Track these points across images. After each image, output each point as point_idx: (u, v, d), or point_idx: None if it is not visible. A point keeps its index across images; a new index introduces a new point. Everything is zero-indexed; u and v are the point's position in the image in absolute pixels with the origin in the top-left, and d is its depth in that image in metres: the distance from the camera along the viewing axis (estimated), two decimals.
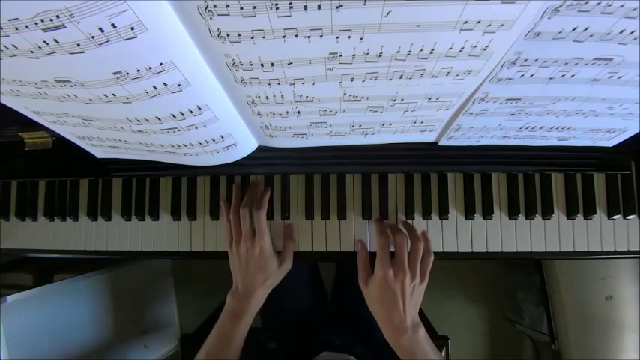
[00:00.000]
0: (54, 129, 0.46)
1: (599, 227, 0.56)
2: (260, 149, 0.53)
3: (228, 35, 0.30)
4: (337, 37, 0.31)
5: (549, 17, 0.29)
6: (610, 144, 0.50)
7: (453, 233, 0.57)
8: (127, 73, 0.33)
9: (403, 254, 0.51)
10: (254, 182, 0.59)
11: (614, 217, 0.55)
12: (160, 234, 0.61)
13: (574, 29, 0.31)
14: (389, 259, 0.51)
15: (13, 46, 0.29)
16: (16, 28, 0.27)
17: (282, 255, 0.57)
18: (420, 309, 1.00)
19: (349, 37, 0.31)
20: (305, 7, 0.27)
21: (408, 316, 0.50)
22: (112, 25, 0.27)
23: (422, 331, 0.50)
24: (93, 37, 0.28)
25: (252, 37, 0.30)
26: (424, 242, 0.53)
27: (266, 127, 0.46)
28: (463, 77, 0.37)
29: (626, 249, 0.55)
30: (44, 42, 0.29)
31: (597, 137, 0.48)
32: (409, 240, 0.53)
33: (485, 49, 0.33)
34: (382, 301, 0.51)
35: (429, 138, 0.51)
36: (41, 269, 0.86)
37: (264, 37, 0.30)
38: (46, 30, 0.27)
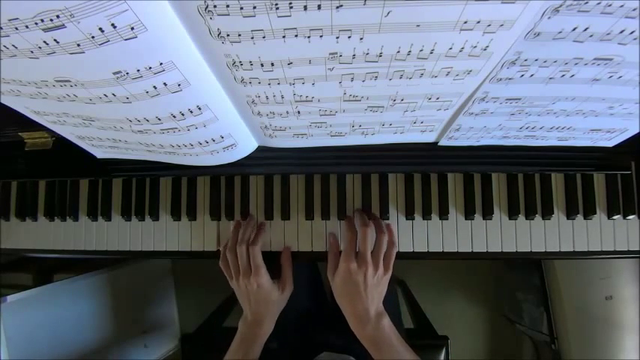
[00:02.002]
0: (54, 129, 0.46)
1: (599, 227, 0.56)
2: (260, 149, 0.53)
3: (228, 35, 0.30)
4: (337, 37, 0.31)
5: (549, 17, 0.29)
6: (610, 144, 0.50)
7: (453, 233, 0.57)
8: (127, 73, 0.33)
9: (365, 247, 0.52)
10: (250, 217, 0.60)
11: (614, 217, 0.55)
12: (159, 234, 0.61)
13: (574, 29, 0.31)
14: (353, 252, 0.53)
15: (13, 46, 0.29)
16: (16, 28, 0.27)
17: (282, 281, 0.58)
18: (420, 309, 1.00)
19: (349, 37, 0.31)
20: (305, 7, 0.27)
21: (371, 306, 0.51)
22: (112, 25, 0.27)
23: (385, 321, 0.52)
24: (93, 37, 0.28)
25: (252, 37, 0.30)
26: (388, 235, 0.54)
27: (266, 127, 0.46)
28: (463, 77, 0.37)
29: (626, 249, 0.55)
30: (44, 42, 0.29)
31: (597, 137, 0.48)
32: (375, 233, 0.54)
33: (485, 49, 0.33)
34: (346, 292, 0.53)
35: (429, 138, 0.51)
36: (41, 269, 0.86)
37: (264, 37, 0.30)
38: (46, 30, 0.27)
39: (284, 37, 0.30)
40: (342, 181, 0.58)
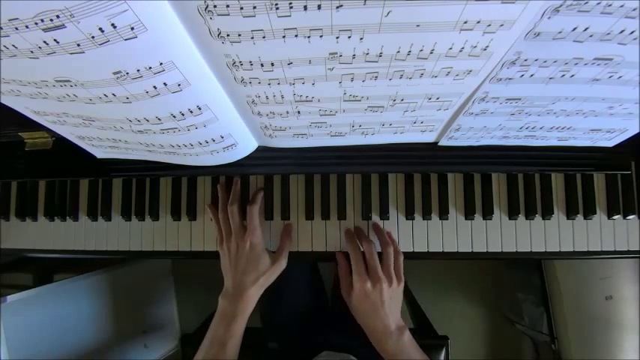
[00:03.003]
0: (54, 129, 0.46)
1: (599, 227, 0.56)
2: (260, 149, 0.53)
3: (228, 35, 0.30)
4: (337, 37, 0.31)
5: (549, 17, 0.29)
6: (610, 144, 0.50)
7: (453, 233, 0.57)
8: (127, 73, 0.33)
9: (375, 264, 0.52)
10: (236, 180, 0.58)
11: (614, 217, 0.55)
12: (159, 234, 0.61)
13: (574, 29, 0.31)
14: (364, 270, 0.52)
15: (13, 46, 0.29)
16: (16, 28, 0.27)
17: (277, 252, 0.56)
18: (420, 309, 1.00)
19: (349, 37, 0.31)
20: (305, 7, 0.27)
21: (391, 321, 0.51)
22: (112, 25, 0.27)
23: (406, 335, 0.51)
24: (93, 37, 0.28)
25: (252, 37, 0.30)
26: (392, 244, 0.54)
27: (266, 127, 0.46)
28: (463, 77, 0.37)
29: (626, 249, 0.55)
30: (44, 42, 0.29)
31: (597, 137, 0.48)
32: (379, 246, 0.55)
33: (485, 49, 0.33)
34: (364, 312, 0.53)
35: (429, 138, 0.51)
36: (41, 269, 0.86)
37: (264, 37, 0.30)
38: (46, 30, 0.27)
39: (284, 37, 0.30)
40: (342, 181, 0.58)
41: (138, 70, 0.32)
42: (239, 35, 0.30)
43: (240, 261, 0.53)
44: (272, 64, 0.34)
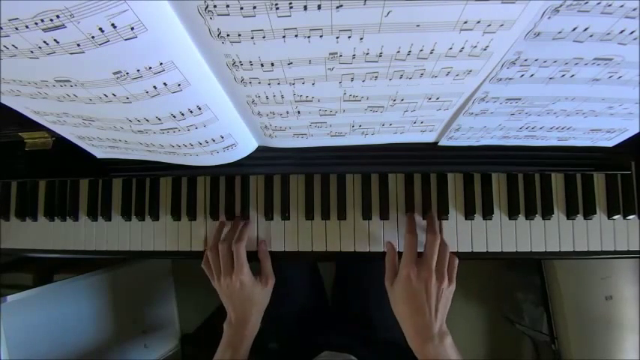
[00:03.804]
0: (54, 129, 0.46)
1: (599, 227, 0.56)
2: (260, 149, 0.53)
3: (228, 35, 0.30)
4: (337, 37, 0.31)
5: (549, 17, 0.29)
6: (610, 144, 0.50)
7: (453, 233, 0.57)
8: (127, 73, 0.33)
9: (432, 254, 0.49)
10: (237, 219, 0.59)
11: (614, 217, 0.55)
12: (159, 234, 0.61)
13: (574, 29, 0.31)
14: (415, 258, 0.50)
15: (13, 46, 0.29)
16: (16, 28, 0.27)
17: (262, 275, 0.58)
18: None
19: (349, 37, 0.31)
20: (305, 7, 0.27)
21: (435, 322, 0.47)
22: (112, 25, 0.27)
23: (448, 340, 0.47)
24: (93, 37, 0.28)
25: (252, 37, 0.30)
26: (448, 247, 0.52)
27: (266, 127, 0.46)
28: (463, 77, 0.37)
29: (626, 249, 0.55)
30: (44, 42, 0.29)
31: (597, 137, 0.48)
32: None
33: (485, 49, 0.33)
34: (406, 301, 0.49)
35: (429, 138, 0.51)
36: (41, 269, 0.86)
37: (264, 37, 0.30)
38: (46, 30, 0.27)
39: (284, 37, 0.30)
40: (342, 181, 0.58)
41: (138, 70, 0.32)
42: (239, 35, 0.30)
43: (235, 298, 0.55)
44: (272, 64, 0.34)
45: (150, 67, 0.32)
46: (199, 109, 0.39)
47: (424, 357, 0.47)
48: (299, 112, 0.42)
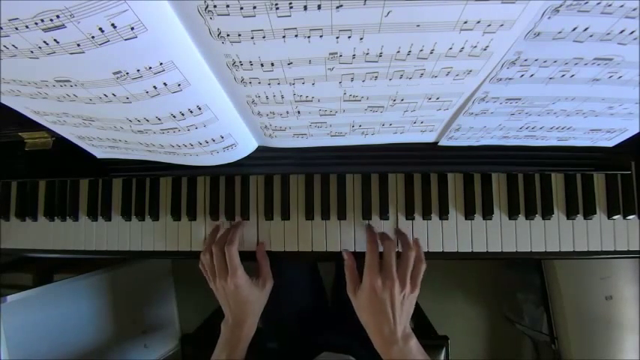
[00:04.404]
0: (54, 129, 0.46)
1: (599, 227, 0.56)
2: (260, 149, 0.53)
3: (228, 35, 0.30)
4: (337, 37, 0.31)
5: (549, 17, 0.29)
6: (610, 144, 0.50)
7: (453, 233, 0.57)
8: (127, 73, 0.33)
9: (391, 262, 0.50)
10: (235, 223, 0.59)
11: (614, 217, 0.55)
12: (160, 234, 0.61)
13: (574, 29, 0.31)
14: (377, 267, 0.50)
15: (13, 46, 0.29)
16: (16, 28, 0.27)
17: (261, 278, 0.58)
18: (420, 309, 1.00)
19: (349, 37, 0.31)
20: (305, 7, 0.27)
21: (399, 327, 0.49)
22: (112, 25, 0.27)
23: (413, 342, 0.49)
24: (93, 37, 0.28)
25: (252, 37, 0.30)
26: (416, 250, 0.52)
27: (266, 127, 0.46)
28: (463, 77, 0.37)
29: (626, 249, 0.55)
30: (44, 42, 0.29)
31: (597, 137, 0.48)
32: (401, 248, 0.53)
33: (485, 49, 0.33)
34: (371, 311, 0.50)
35: (429, 138, 0.51)
36: (41, 269, 0.86)
37: (264, 37, 0.30)
38: (46, 30, 0.27)
39: (284, 37, 0.30)
40: (342, 181, 0.58)
41: (138, 70, 0.32)
42: (239, 35, 0.30)
43: (230, 299, 0.55)
44: (272, 64, 0.34)
45: (150, 67, 0.32)
46: (199, 109, 0.39)
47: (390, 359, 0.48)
48: (299, 112, 0.42)
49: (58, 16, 0.26)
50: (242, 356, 0.56)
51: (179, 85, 0.35)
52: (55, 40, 0.28)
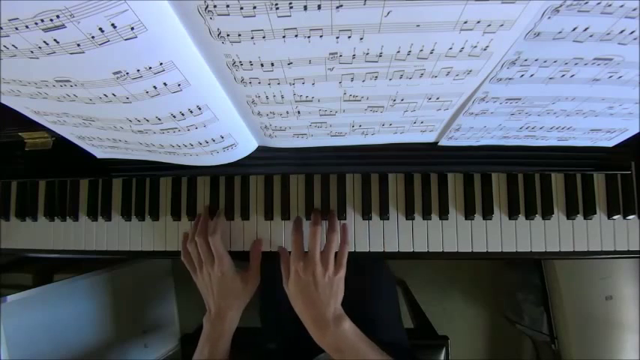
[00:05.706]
0: (54, 129, 0.46)
1: (599, 227, 0.56)
2: (260, 149, 0.53)
3: (228, 35, 0.30)
4: (337, 37, 0.31)
5: (549, 17, 0.29)
6: (610, 144, 0.50)
7: (453, 233, 0.57)
8: (127, 73, 0.33)
9: (313, 246, 0.51)
10: (206, 208, 0.59)
11: (614, 217, 0.55)
12: (159, 234, 0.61)
13: (574, 29, 0.31)
14: (301, 254, 0.51)
15: (13, 46, 0.29)
16: (16, 28, 0.27)
17: (248, 271, 0.57)
18: (420, 309, 1.00)
19: (349, 37, 0.31)
20: (305, 7, 0.27)
21: (327, 309, 0.49)
22: (112, 25, 0.27)
23: (346, 324, 0.49)
24: (93, 37, 0.28)
25: (252, 37, 0.30)
26: (342, 234, 0.53)
27: (266, 127, 0.46)
28: (463, 77, 0.37)
29: (626, 249, 0.55)
30: (44, 42, 0.29)
31: (597, 137, 0.48)
32: (326, 231, 0.54)
33: (485, 49, 0.33)
34: (299, 295, 0.51)
35: (429, 138, 0.51)
36: (41, 269, 0.87)
37: (264, 37, 0.30)
38: (46, 30, 0.27)
39: (284, 37, 0.30)
40: (342, 181, 0.58)
41: (138, 70, 0.32)
42: (239, 35, 0.30)
43: (215, 288, 0.55)
44: (272, 64, 0.34)
45: (150, 67, 0.32)
46: (199, 109, 0.39)
47: (326, 345, 0.49)
48: (299, 112, 0.42)
49: (58, 16, 0.26)
50: (225, 355, 0.55)
51: (179, 85, 0.35)
52: (55, 40, 0.28)
